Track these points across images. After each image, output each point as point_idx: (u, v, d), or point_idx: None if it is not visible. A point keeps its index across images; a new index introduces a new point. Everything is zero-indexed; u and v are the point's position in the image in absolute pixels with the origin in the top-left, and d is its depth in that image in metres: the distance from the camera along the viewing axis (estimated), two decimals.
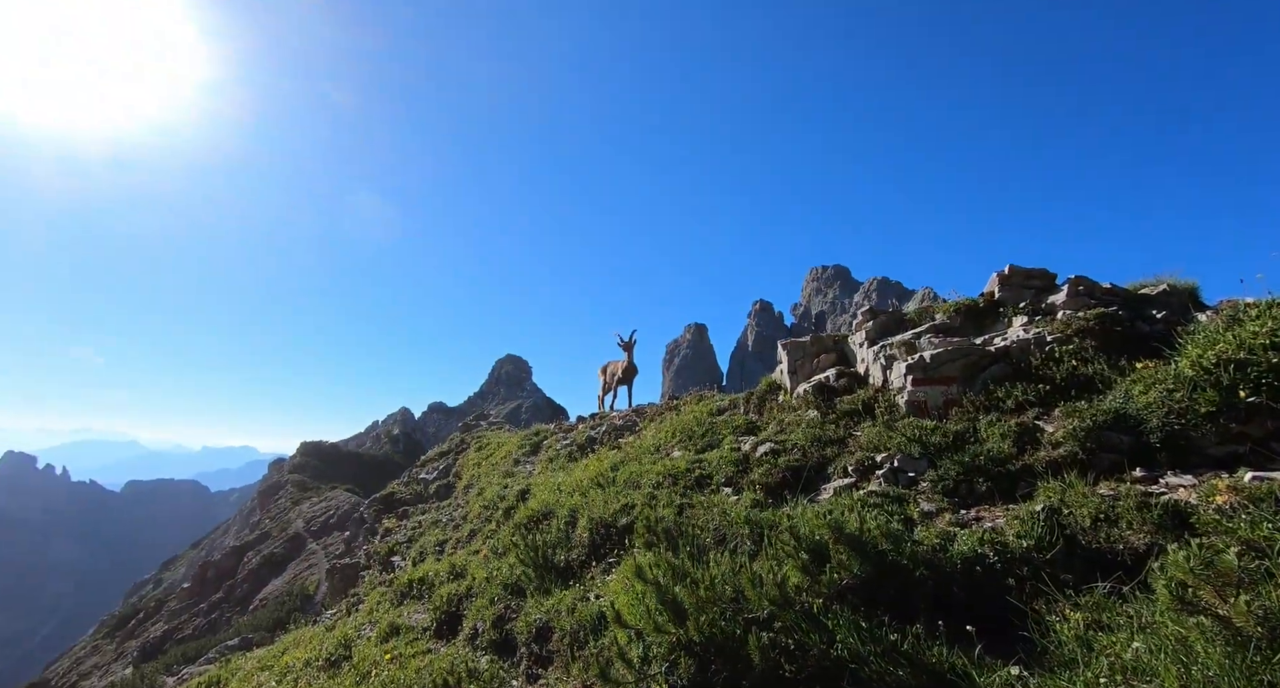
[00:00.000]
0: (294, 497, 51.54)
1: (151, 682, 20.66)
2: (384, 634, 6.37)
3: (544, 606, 4.88)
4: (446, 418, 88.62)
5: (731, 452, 5.82)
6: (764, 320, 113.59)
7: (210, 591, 38.28)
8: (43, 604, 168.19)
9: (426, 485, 13.77)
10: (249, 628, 22.29)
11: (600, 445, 8.99)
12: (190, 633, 33.14)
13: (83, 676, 37.05)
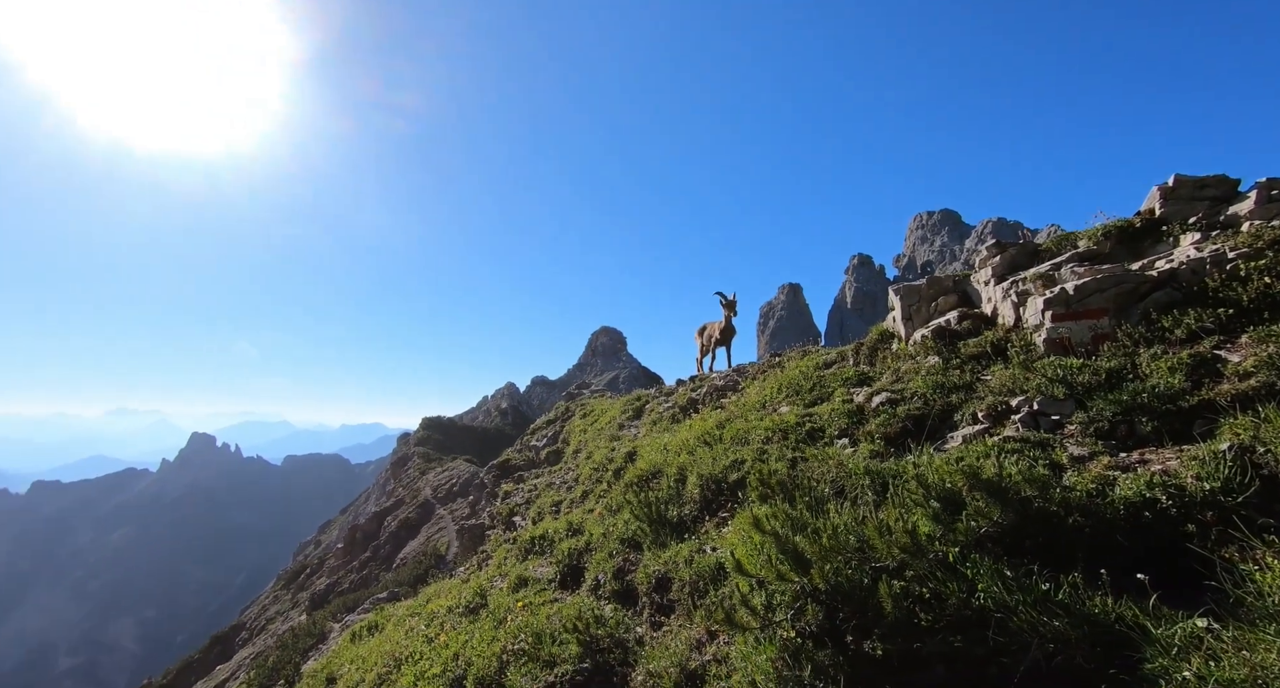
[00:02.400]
0: (420, 467, 56.43)
1: (321, 627, 23.59)
2: (514, 585, 6.85)
3: (661, 558, 5.00)
4: (548, 390, 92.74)
5: (844, 404, 5.57)
6: (863, 275, 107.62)
7: (359, 550, 42.90)
8: (234, 559, 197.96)
9: (537, 452, 14.52)
10: (393, 583, 24.87)
11: (703, 406, 8.98)
12: (347, 587, 37.48)
13: (269, 620, 43.20)
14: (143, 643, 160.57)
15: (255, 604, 52.54)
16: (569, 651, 4.58)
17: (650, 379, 77.14)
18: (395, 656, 7.02)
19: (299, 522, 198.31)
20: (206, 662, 38.75)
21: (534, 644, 4.85)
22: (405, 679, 6.13)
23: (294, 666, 16.37)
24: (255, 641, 38.25)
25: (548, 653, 4.67)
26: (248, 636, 40.86)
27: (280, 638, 29.52)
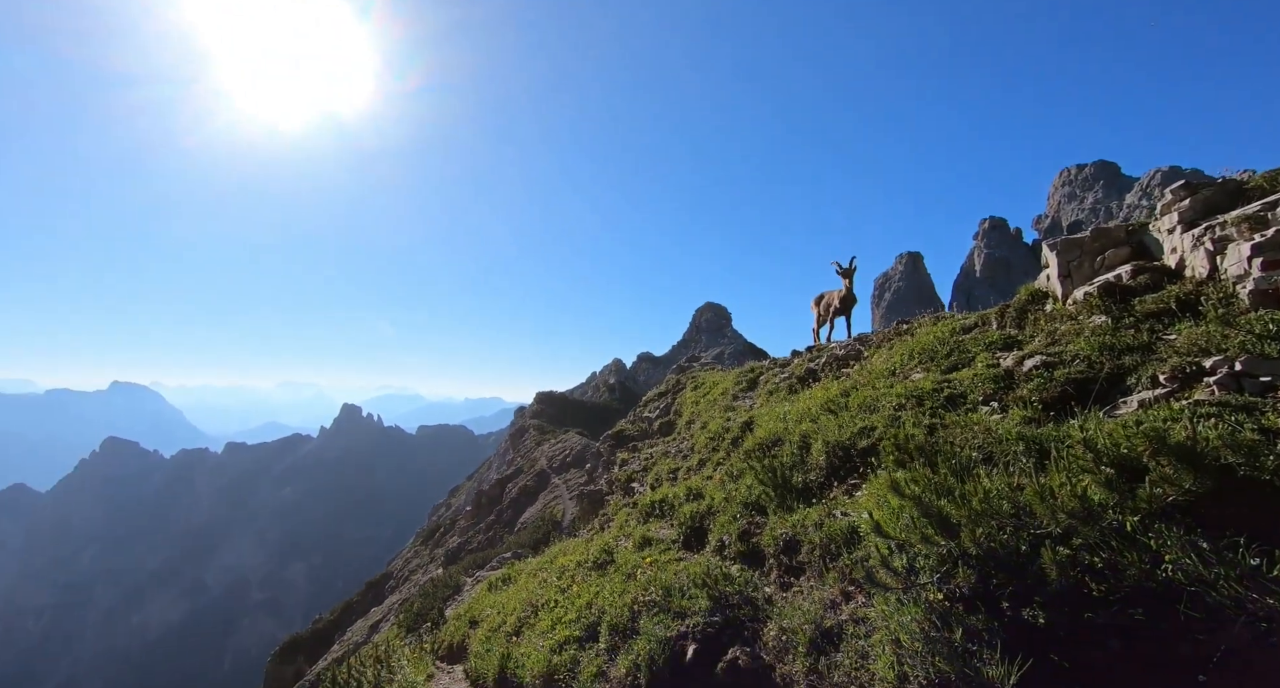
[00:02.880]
0: (536, 439, 59.78)
1: (456, 580, 25.98)
2: (638, 544, 7.16)
3: (788, 521, 5.00)
4: (654, 366, 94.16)
5: (988, 368, 5.18)
6: (995, 240, 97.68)
7: (485, 514, 46.46)
8: (380, 516, 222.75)
9: (650, 423, 14.90)
10: (516, 545, 26.80)
11: (823, 376, 8.73)
12: (475, 546, 40.86)
13: (411, 571, 48.33)
14: (312, 584, 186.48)
15: (399, 557, 58.82)
16: (699, 604, 4.74)
17: (755, 355, 75.82)
18: (532, 603, 7.63)
19: (432, 485, 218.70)
20: (363, 604, 44.19)
21: (664, 597, 5.07)
22: (543, 623, 6.66)
23: (437, 611, 18.21)
24: (401, 588, 42.96)
25: (678, 605, 4.87)
26: (395, 584, 45.94)
27: (422, 587, 32.92)
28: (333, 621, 43.36)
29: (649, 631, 4.72)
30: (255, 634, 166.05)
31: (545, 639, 6.09)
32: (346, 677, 8.93)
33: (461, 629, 9.92)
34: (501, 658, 6.36)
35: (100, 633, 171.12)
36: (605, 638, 5.32)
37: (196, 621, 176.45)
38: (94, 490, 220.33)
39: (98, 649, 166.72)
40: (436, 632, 12.16)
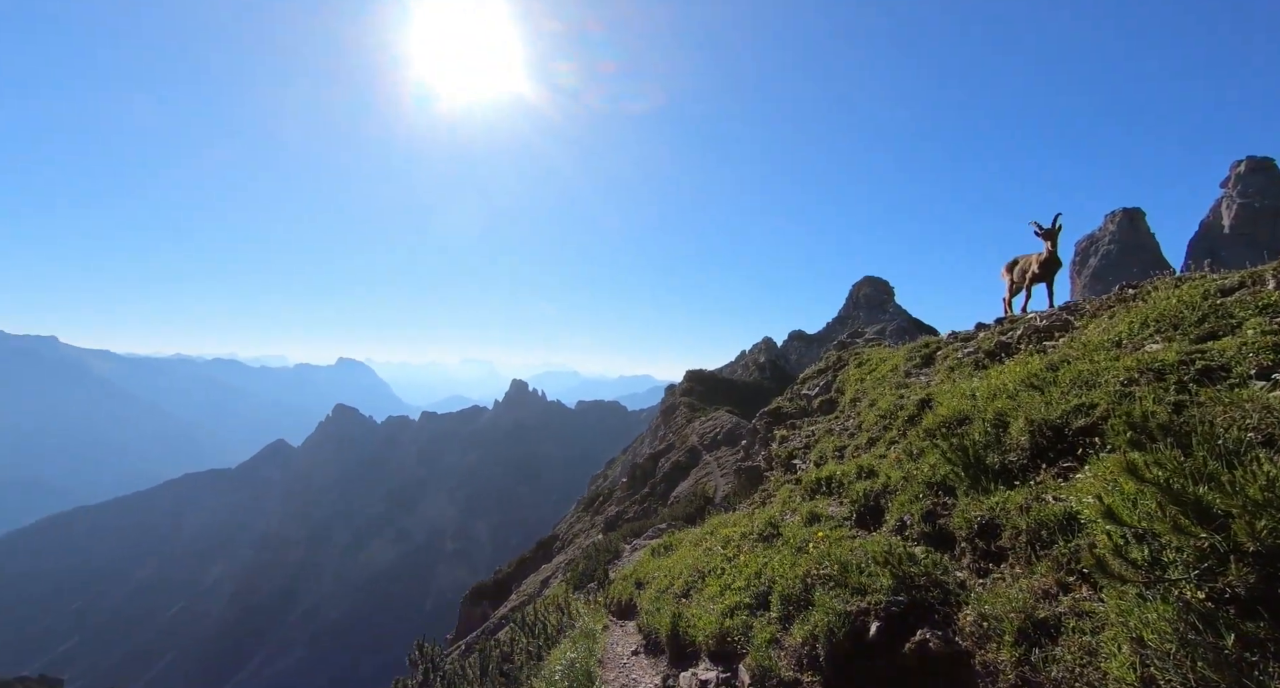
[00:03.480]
0: (686, 416, 60.84)
1: (616, 545, 27.57)
2: (805, 520, 7.03)
3: (984, 504, 4.57)
4: (806, 345, 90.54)
5: (1263, 336, 4.20)
6: (1255, 184, 78.13)
7: (640, 486, 48.53)
8: (547, 482, 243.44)
9: (809, 400, 14.42)
10: (671, 517, 27.71)
11: (1019, 349, 7.75)
12: (632, 515, 42.94)
13: (575, 535, 52.32)
14: (493, 539, 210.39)
15: (564, 521, 63.79)
16: (880, 582, 4.55)
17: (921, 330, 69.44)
18: (698, 569, 7.88)
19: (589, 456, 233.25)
20: (534, 561, 48.81)
21: (840, 572, 4.94)
22: (711, 589, 6.86)
23: (602, 572, 19.56)
24: (567, 550, 46.69)
25: (856, 581, 4.72)
26: (561, 545, 50.05)
27: (585, 550, 35.45)
28: (510, 573, 48.38)
29: (825, 604, 4.64)
30: (450, 578, 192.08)
31: (715, 603, 6.27)
32: (534, 619, 10.00)
33: (628, 589, 10.56)
34: (673, 617, 6.67)
35: (338, 565, 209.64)
36: (777, 607, 5.34)
37: (405, 563, 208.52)
38: (329, 448, 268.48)
39: (337, 578, 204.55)
40: (604, 590, 13.09)
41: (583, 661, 6.71)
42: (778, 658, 4.79)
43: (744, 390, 76.62)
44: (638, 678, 6.74)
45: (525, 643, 9.23)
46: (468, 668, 9.10)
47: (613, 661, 7.49)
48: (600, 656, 7.43)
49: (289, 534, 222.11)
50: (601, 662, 7.25)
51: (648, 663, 7.07)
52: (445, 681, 8.44)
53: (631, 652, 7.37)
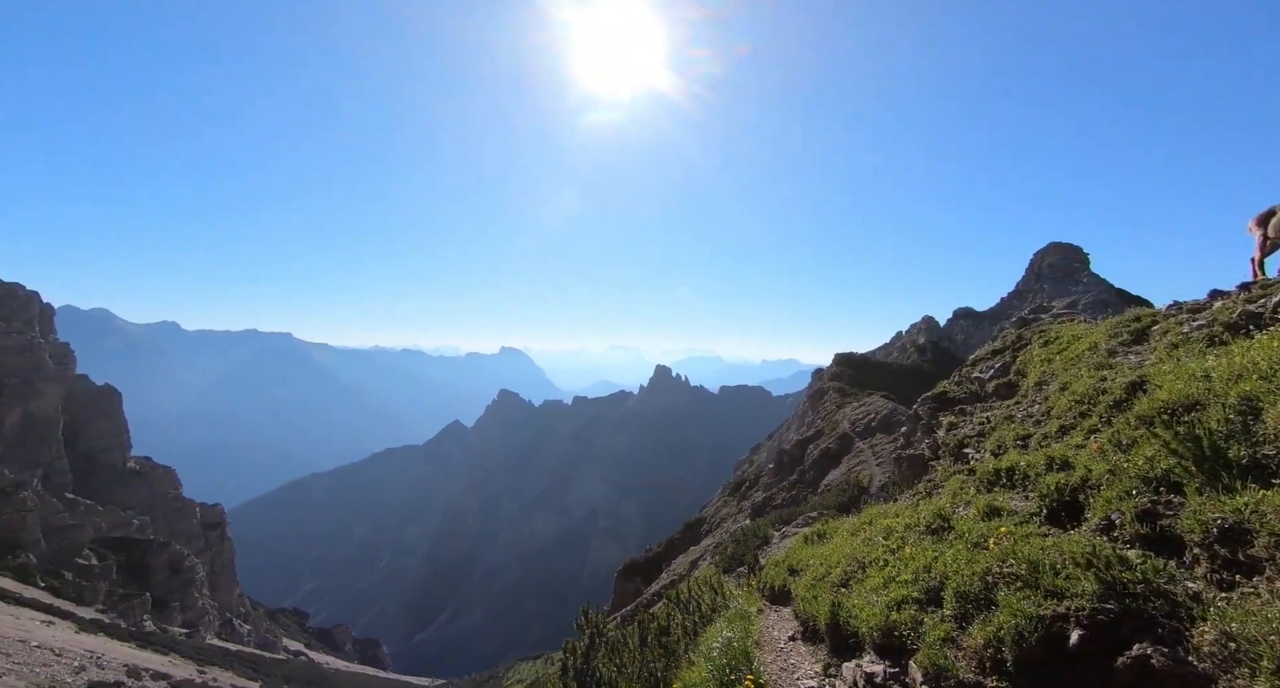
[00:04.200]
0: (836, 401, 57.98)
1: (764, 532, 27.22)
2: (983, 514, 6.40)
3: (1227, 505, 3.81)
4: (975, 323, 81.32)
5: None
6: None
7: (786, 473, 47.35)
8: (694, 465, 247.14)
9: (982, 384, 12.97)
10: (822, 505, 26.68)
11: (1273, 322, 6.27)
12: (780, 502, 42.10)
13: (721, 519, 52.61)
14: (643, 518, 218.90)
15: (710, 505, 64.37)
16: (1081, 587, 4.01)
17: (1128, 301, 58.92)
18: (856, 558, 7.54)
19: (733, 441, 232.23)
20: (683, 542, 49.91)
21: (1029, 572, 4.44)
22: (873, 580, 6.54)
23: (752, 556, 19.49)
24: (714, 533, 47.11)
25: (1050, 583, 4.21)
26: (708, 528, 50.59)
27: (733, 534, 35.44)
28: (660, 552, 49.98)
29: (1012, 605, 4.19)
30: (604, 554, 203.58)
31: (878, 595, 5.97)
32: (688, 597, 10.30)
33: (781, 575, 10.43)
34: (832, 606, 6.47)
35: (508, 536, 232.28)
36: (951, 604, 4.95)
37: (564, 537, 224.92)
38: (496, 429, 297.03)
39: (507, 547, 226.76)
40: (755, 574, 13.05)
41: (740, 641, 6.77)
42: (954, 658, 4.45)
43: (899, 374, 71.11)
44: (796, 663, 6.66)
45: (681, 619, 9.54)
46: (627, 637, 9.61)
47: (769, 644, 7.48)
48: (756, 638, 7.45)
49: (468, 505, 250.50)
50: (758, 644, 7.27)
51: (806, 650, 6.96)
52: (608, 646, 8.99)
53: (789, 637, 7.30)
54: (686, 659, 7.94)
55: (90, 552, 64.64)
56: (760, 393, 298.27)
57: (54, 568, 59.22)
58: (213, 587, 78.98)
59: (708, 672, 6.21)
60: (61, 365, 79.61)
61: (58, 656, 41.83)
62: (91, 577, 61.02)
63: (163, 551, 72.38)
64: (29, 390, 72.18)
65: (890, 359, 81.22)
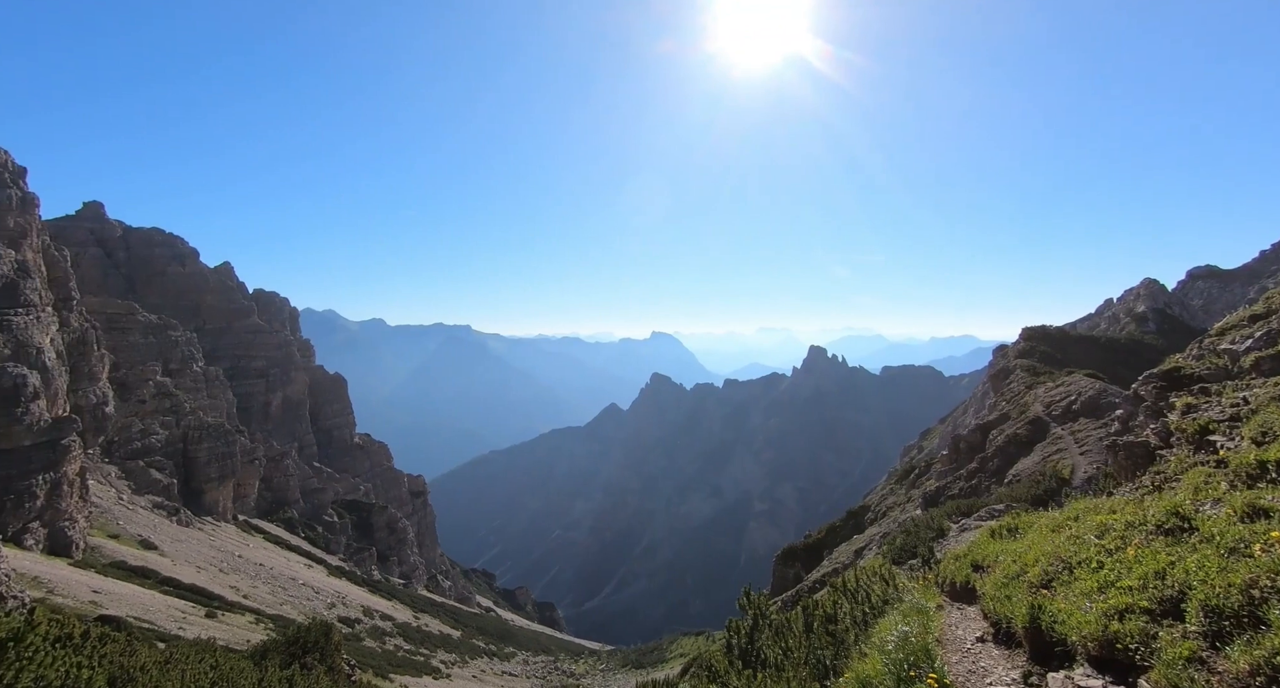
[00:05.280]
0: (1026, 381, 51.20)
1: (939, 523, 25.00)
2: (1241, 514, 5.23)
3: None
4: (1221, 285, 66.25)
5: None
6: None
7: (964, 460, 42.92)
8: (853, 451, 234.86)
9: (1235, 358, 10.51)
10: (1008, 498, 23.76)
11: None
12: (957, 492, 38.32)
13: (888, 508, 49.34)
14: (800, 504, 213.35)
15: (874, 492, 60.68)
16: None
17: None
18: (1061, 558, 6.61)
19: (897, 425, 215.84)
20: (845, 530, 47.70)
21: None
22: (1085, 583, 5.68)
23: (926, 549, 18.03)
24: (880, 522, 44.35)
25: None
26: (873, 517, 47.77)
27: (902, 525, 33.04)
28: (820, 539, 48.36)
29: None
30: (760, 536, 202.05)
31: (1093, 601, 5.17)
32: (855, 586, 9.82)
33: (963, 571, 9.52)
34: (1031, 608, 5.75)
35: (664, 515, 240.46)
36: (1197, 619, 4.12)
37: (719, 518, 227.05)
38: (650, 412, 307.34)
39: (664, 526, 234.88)
40: (930, 568, 12.06)
41: (919, 636, 6.31)
42: (1204, 683, 3.71)
43: (1109, 349, 60.61)
44: (987, 667, 6.05)
45: (849, 608, 9.14)
46: (791, 622, 9.44)
47: (953, 643, 6.88)
48: (938, 635, 6.89)
49: (627, 483, 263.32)
50: (940, 641, 6.72)
51: (999, 654, 6.28)
52: (772, 628, 8.90)
53: (976, 638, 6.64)
54: (857, 650, 7.60)
55: (332, 510, 79.08)
56: (929, 373, 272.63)
57: (309, 522, 73.45)
58: (419, 546, 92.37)
59: (883, 665, 5.87)
60: (305, 358, 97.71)
61: (316, 593, 51.89)
62: (334, 531, 74.70)
63: (383, 512, 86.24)
64: (286, 378, 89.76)
65: (1096, 332, 69.42)
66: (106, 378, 55.53)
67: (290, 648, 18.05)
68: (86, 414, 49.55)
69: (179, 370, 67.77)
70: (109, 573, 38.14)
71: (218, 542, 54.44)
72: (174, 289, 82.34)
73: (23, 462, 38.67)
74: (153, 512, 52.58)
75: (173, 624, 30.05)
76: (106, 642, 8.74)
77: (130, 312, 66.02)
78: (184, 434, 62.09)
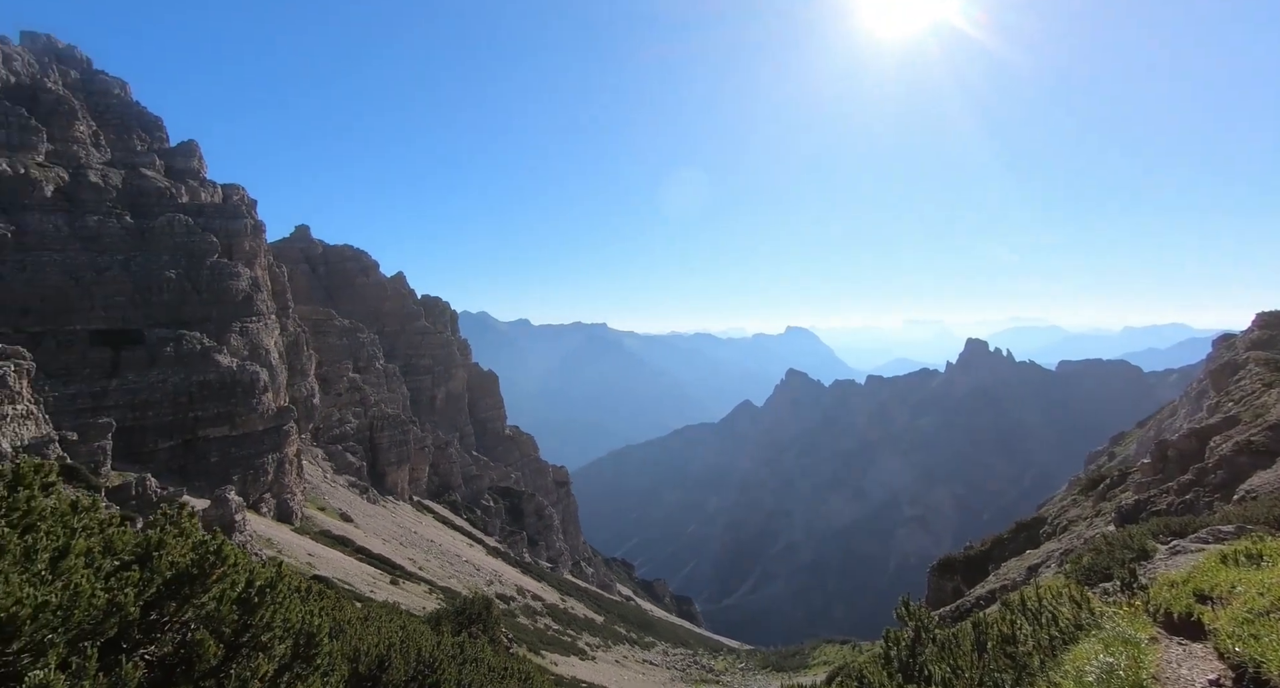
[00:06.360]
0: (1263, 378, 42.41)
1: (1140, 543, 21.38)
2: None
3: None
4: None
5: None
6: None
7: (1174, 471, 36.43)
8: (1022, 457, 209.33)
9: None
10: (1241, 518, 19.69)
11: None
12: (1164, 508, 32.53)
13: (1070, 521, 43.20)
14: (957, 511, 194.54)
15: (1051, 503, 53.51)
16: None
17: None
18: None
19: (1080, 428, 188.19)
20: (1014, 543, 42.63)
21: None
22: None
23: (1125, 571, 15.51)
24: (1059, 538, 38.98)
25: None
26: (1050, 531, 42.15)
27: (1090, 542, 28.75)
28: (984, 551, 43.83)
29: None
30: (911, 543, 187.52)
31: None
32: (1037, 606, 8.69)
33: (1183, 600, 8.04)
34: None
35: (803, 515, 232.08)
36: None
37: (863, 521, 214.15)
38: (786, 408, 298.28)
39: (803, 526, 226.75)
40: (1134, 593, 10.37)
41: (1130, 672, 5.40)
42: None
43: None
44: None
45: (1030, 630, 8.13)
46: (960, 638, 8.64)
47: (1174, 682, 5.81)
48: (1153, 672, 5.86)
49: (763, 481, 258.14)
50: (1157, 680, 5.71)
51: None
52: (937, 644, 8.19)
53: (1211, 681, 5.55)
54: (1044, 678, 6.71)
55: (488, 496, 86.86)
56: (1120, 369, 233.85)
57: (469, 505, 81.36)
58: (564, 533, 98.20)
59: None
60: (464, 356, 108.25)
61: (476, 570, 57.28)
62: (490, 515, 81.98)
63: (531, 500, 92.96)
64: (448, 375, 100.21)
65: None
66: (314, 374, 65.98)
67: (458, 617, 20.12)
68: (300, 405, 59.27)
69: (365, 368, 78.52)
70: (319, 539, 45.29)
71: (397, 518, 62.24)
72: (360, 297, 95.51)
73: (257, 443, 47.21)
74: (349, 489, 61.50)
75: (365, 587, 34.92)
76: (322, 597, 10.32)
77: (329, 318, 77.73)
78: (370, 423, 71.84)
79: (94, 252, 46.05)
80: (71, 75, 58.51)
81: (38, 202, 45.32)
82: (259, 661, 3.60)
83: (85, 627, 2.88)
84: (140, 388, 42.13)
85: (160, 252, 49.59)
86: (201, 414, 44.59)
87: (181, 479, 41.35)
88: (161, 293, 47.92)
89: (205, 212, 56.14)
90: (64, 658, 2.67)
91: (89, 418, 37.16)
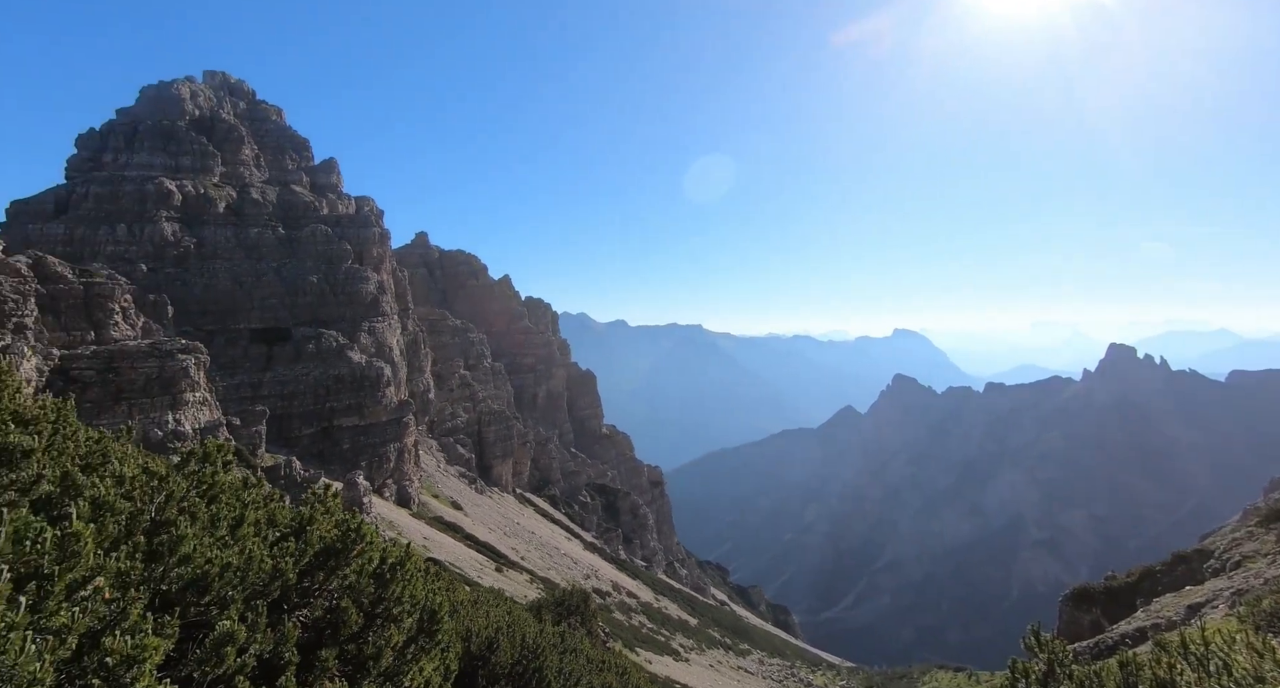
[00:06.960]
0: None
1: None
2: None
3: None
4: None
5: None
6: None
7: None
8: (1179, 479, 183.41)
9: None
10: None
11: None
12: None
13: (1244, 557, 37.20)
14: (1096, 536, 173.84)
15: (1220, 533, 46.40)
16: None
17: None
18: None
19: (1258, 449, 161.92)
20: (1170, 577, 37.31)
21: None
22: None
23: None
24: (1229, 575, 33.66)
25: None
26: (1218, 566, 36.52)
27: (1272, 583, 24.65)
28: (1129, 583, 38.77)
29: None
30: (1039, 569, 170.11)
31: None
32: (1203, 650, 7.55)
33: None
34: None
35: (910, 528, 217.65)
36: None
37: (981, 541, 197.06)
38: (893, 416, 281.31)
39: (910, 541, 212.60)
40: None
41: None
42: None
43: None
44: None
45: (1195, 678, 7.06)
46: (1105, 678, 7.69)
47: None
48: None
49: (866, 491, 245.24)
50: None
51: None
52: (1074, 681, 7.36)
53: None
54: None
55: (585, 492, 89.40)
56: None
57: (567, 500, 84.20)
58: (658, 533, 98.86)
59: None
60: (564, 356, 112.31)
61: (574, 563, 59.08)
62: (587, 511, 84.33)
63: (627, 498, 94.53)
64: (549, 374, 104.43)
65: None
66: (429, 371, 71.35)
67: (557, 608, 20.84)
68: (417, 399, 64.28)
69: (474, 365, 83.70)
70: (433, 525, 48.85)
71: (502, 509, 65.69)
72: (470, 298, 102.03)
73: (381, 433, 51.80)
74: (459, 479, 65.79)
75: (473, 572, 37.16)
76: (438, 578, 11.07)
77: (443, 318, 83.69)
78: (478, 418, 76.46)
79: (254, 259, 52.93)
80: (240, 105, 67.51)
81: (213, 217, 53.01)
82: (391, 631, 3.97)
83: (256, 588, 3.33)
84: (288, 380, 47.72)
85: (305, 258, 56.01)
86: (336, 405, 49.70)
87: (319, 463, 46.27)
88: (305, 295, 54.08)
89: (341, 222, 62.64)
90: (241, 613, 3.09)
91: (248, 406, 42.67)
